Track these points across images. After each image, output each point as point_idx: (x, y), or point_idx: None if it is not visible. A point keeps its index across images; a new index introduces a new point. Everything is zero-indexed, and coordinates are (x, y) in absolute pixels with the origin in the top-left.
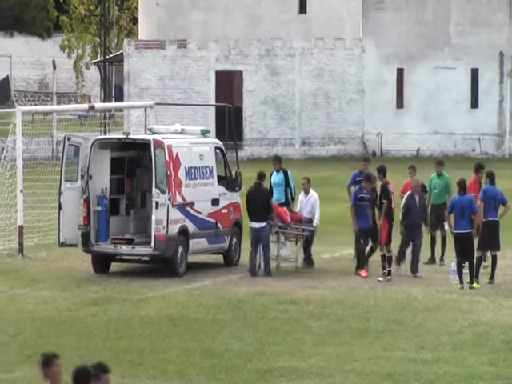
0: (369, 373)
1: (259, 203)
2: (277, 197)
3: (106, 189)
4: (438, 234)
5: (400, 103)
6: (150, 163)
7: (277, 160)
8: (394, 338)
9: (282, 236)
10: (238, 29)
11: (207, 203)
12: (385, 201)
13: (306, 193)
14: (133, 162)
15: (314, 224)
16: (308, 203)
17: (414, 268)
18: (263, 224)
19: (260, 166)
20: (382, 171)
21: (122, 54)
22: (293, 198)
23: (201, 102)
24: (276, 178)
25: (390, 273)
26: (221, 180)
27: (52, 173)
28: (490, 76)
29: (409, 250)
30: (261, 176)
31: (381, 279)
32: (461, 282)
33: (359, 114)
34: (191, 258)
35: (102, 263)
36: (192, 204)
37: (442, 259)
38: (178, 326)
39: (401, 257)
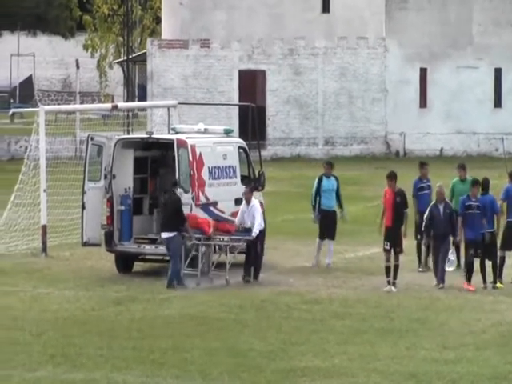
0: (392, 372)
1: (169, 212)
2: (327, 203)
3: (129, 188)
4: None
5: (423, 103)
6: (174, 163)
7: (328, 165)
8: (417, 337)
9: (204, 248)
10: (260, 28)
11: (230, 203)
12: (406, 210)
13: (248, 202)
14: (156, 162)
15: (253, 234)
16: (250, 213)
17: (440, 278)
18: (171, 234)
19: (283, 166)
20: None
21: (145, 53)
22: (341, 205)
23: (224, 102)
24: (327, 183)
25: (394, 284)
26: (244, 179)
27: (75, 172)
28: None
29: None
30: (174, 183)
31: (387, 289)
32: (484, 282)
33: (382, 113)
34: (214, 258)
35: (125, 263)
36: (215, 203)
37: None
38: (201, 325)
39: (440, 274)
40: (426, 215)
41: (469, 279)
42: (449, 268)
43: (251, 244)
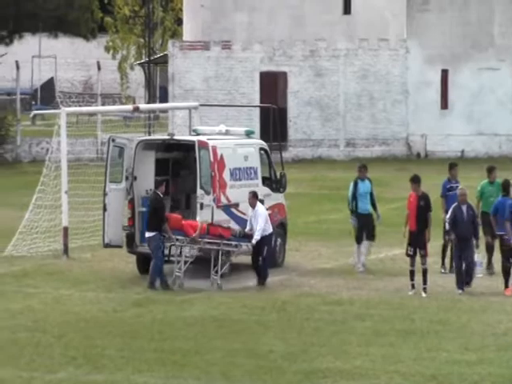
0: (413, 374)
1: (151, 212)
2: (363, 206)
3: (150, 190)
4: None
5: (444, 104)
6: (195, 164)
7: (363, 168)
8: (438, 339)
9: (190, 250)
10: (281, 30)
11: None
12: (430, 212)
13: (253, 207)
14: (177, 163)
15: (253, 240)
16: (254, 218)
17: (467, 280)
18: (151, 234)
19: (304, 167)
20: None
21: (166, 55)
22: (375, 207)
23: (245, 103)
24: (362, 186)
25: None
26: (265, 181)
27: (96, 174)
28: None
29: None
30: (158, 184)
31: (412, 293)
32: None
33: (404, 114)
34: (235, 259)
35: (146, 264)
36: (237, 205)
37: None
38: (223, 327)
39: (459, 277)
40: (448, 215)
41: (507, 285)
42: (478, 274)
43: (256, 249)
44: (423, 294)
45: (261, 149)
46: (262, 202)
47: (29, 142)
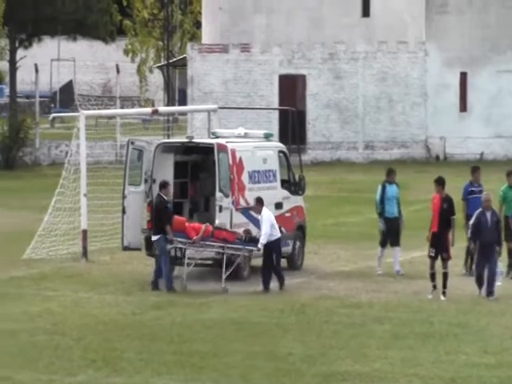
0: (432, 377)
1: (154, 215)
2: (391, 210)
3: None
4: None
5: (463, 107)
6: (214, 167)
7: (392, 172)
8: (457, 342)
9: (194, 252)
10: (300, 32)
11: (270, 207)
12: (453, 216)
13: (259, 213)
14: (196, 166)
15: (259, 245)
16: (260, 223)
17: (490, 290)
18: (156, 237)
19: (323, 170)
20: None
21: (185, 57)
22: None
23: (264, 106)
24: (390, 190)
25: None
26: (284, 184)
27: (115, 177)
28: None
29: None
30: (162, 185)
31: (431, 296)
32: None
33: (422, 117)
34: (255, 262)
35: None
36: (255, 208)
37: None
38: (241, 329)
39: (479, 281)
40: (472, 222)
41: None
42: (499, 282)
43: (266, 254)
44: (442, 298)
45: (279, 151)
46: (280, 205)
47: (48, 145)
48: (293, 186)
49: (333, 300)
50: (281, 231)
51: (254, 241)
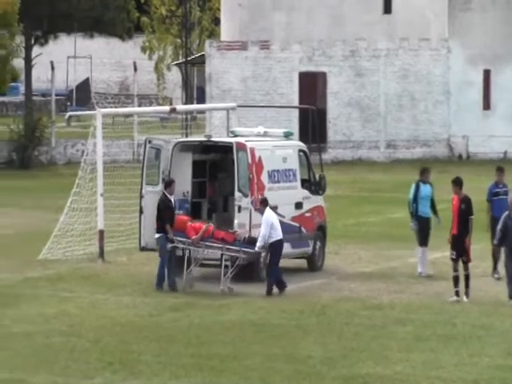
0: (455, 380)
1: (157, 213)
2: (425, 210)
3: (187, 192)
4: None
5: (487, 105)
6: (233, 166)
7: (427, 171)
8: (480, 344)
9: (196, 252)
10: (321, 29)
11: (290, 207)
12: (471, 217)
13: (262, 214)
14: (215, 165)
15: (256, 248)
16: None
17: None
18: (158, 235)
19: (344, 169)
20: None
21: (203, 55)
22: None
23: (284, 104)
24: (424, 190)
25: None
26: (304, 183)
27: (133, 176)
28: None
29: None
30: (167, 184)
31: (453, 299)
32: None
33: (445, 115)
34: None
35: (183, 268)
36: (275, 208)
37: None
38: (261, 331)
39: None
40: (498, 227)
41: None
42: None
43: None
44: (465, 299)
45: (300, 150)
46: (301, 205)
47: (64, 144)
48: (313, 185)
49: (354, 301)
50: (301, 231)
51: (254, 242)
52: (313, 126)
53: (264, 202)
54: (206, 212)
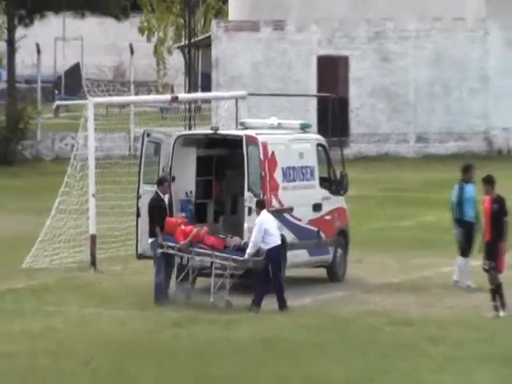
0: None
1: (148, 214)
2: (470, 213)
3: (191, 192)
4: None
5: None
6: (242, 163)
7: (470, 169)
8: None
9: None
10: (342, 8)
11: (308, 209)
12: (505, 217)
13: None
14: (222, 162)
15: (246, 255)
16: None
17: None
18: (151, 240)
19: (369, 166)
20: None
21: (209, 37)
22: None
23: (300, 92)
24: (468, 190)
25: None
26: (323, 182)
27: (129, 174)
28: None
29: None
30: (159, 181)
31: (503, 314)
32: None
33: (483, 105)
34: (289, 272)
35: (186, 278)
36: (290, 210)
37: None
38: (274, 349)
39: None
40: None
41: None
42: None
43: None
44: (502, 314)
45: (318, 145)
46: (319, 207)
47: (51, 138)
48: (333, 184)
49: (379, 316)
50: (319, 236)
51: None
52: (333, 116)
53: (260, 204)
54: (212, 214)
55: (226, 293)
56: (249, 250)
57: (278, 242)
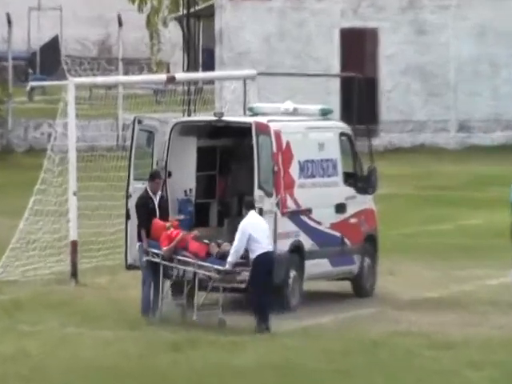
0: None
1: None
2: None
3: (190, 190)
4: None
5: None
6: (251, 155)
7: None
8: None
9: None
10: None
11: (329, 210)
12: None
13: None
14: (227, 154)
15: (227, 265)
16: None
17: None
18: (138, 244)
19: (401, 159)
20: None
21: (212, 5)
22: None
23: (320, 71)
24: None
25: None
26: (348, 178)
27: (117, 168)
28: None
29: None
30: (150, 176)
31: None
32: None
33: None
34: (307, 286)
35: (183, 292)
36: (309, 211)
37: None
38: (287, 378)
39: None
40: None
41: None
42: None
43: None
44: None
45: (342, 134)
46: (343, 207)
47: (24, 125)
48: (360, 181)
49: (414, 337)
50: (343, 243)
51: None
52: (359, 100)
53: (248, 204)
54: (216, 217)
55: (219, 310)
56: (229, 259)
57: (267, 248)
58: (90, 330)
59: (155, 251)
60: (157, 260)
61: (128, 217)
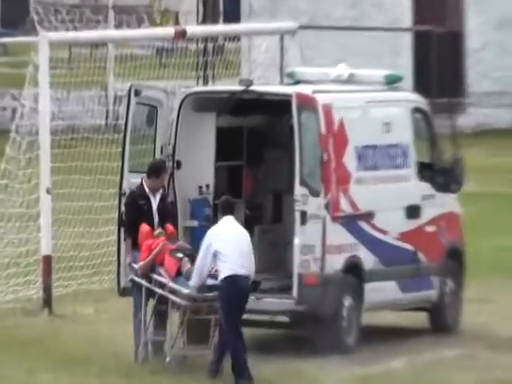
0: None
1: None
2: None
3: (207, 187)
4: None
5: None
6: (291, 139)
7: None
8: None
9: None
10: None
11: (398, 214)
12: None
13: None
14: (258, 138)
15: (190, 287)
16: None
17: None
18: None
19: (497, 144)
20: None
21: None
22: None
23: (385, 25)
24: None
25: None
26: (424, 171)
27: (106, 156)
28: None
29: None
30: (153, 168)
31: None
32: None
33: None
34: (367, 318)
35: (196, 328)
36: (370, 216)
37: None
38: None
39: None
40: None
41: None
42: None
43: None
44: None
45: (415, 110)
46: (417, 210)
47: None
48: (440, 174)
49: None
50: (417, 260)
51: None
52: (438, 64)
53: (224, 206)
54: (243, 221)
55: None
56: (191, 281)
57: (237, 270)
58: (69, 378)
59: (135, 266)
60: (137, 279)
61: (121, 223)
